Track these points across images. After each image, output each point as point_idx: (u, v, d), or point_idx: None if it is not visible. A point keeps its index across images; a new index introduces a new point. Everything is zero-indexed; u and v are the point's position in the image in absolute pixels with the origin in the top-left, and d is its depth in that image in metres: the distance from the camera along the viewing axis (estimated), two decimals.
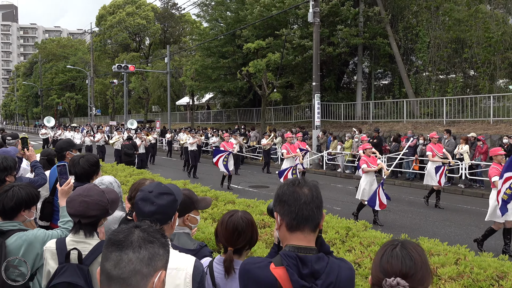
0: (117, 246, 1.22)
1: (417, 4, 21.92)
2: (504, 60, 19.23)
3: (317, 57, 18.97)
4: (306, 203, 1.61)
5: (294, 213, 1.61)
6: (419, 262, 1.31)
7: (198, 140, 17.64)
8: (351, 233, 4.63)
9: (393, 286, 1.24)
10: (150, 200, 1.87)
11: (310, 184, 1.68)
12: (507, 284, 3.25)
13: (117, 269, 1.20)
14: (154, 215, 1.82)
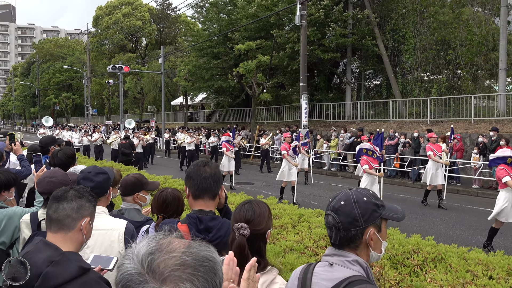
0: (57, 199, 1.82)
1: (404, 7, 22.51)
2: (487, 61, 19.83)
3: (304, 59, 19.54)
4: (205, 178, 2.19)
5: (196, 185, 2.19)
6: (258, 212, 1.88)
7: (196, 140, 17.72)
8: (303, 218, 5.22)
9: (238, 228, 1.81)
10: (89, 178, 2.47)
11: (212, 165, 2.27)
12: (419, 257, 3.83)
13: (56, 214, 1.79)
14: (93, 189, 2.40)
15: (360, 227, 1.55)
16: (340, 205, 1.56)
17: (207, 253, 0.93)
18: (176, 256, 0.88)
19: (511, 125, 16.72)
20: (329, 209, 1.60)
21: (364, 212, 1.55)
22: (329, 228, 1.58)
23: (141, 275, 0.85)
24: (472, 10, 20.26)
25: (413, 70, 22.49)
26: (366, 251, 1.57)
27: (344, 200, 1.57)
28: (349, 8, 24.71)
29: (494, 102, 18.88)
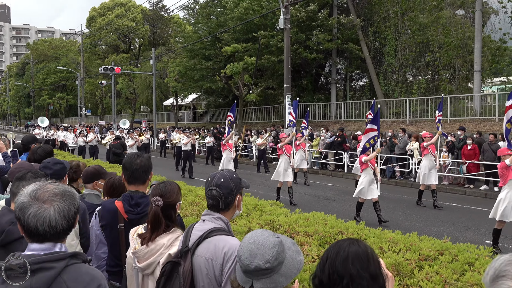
0: (18, 179, 2.51)
1: (385, 10, 23.25)
2: (463, 63, 20.59)
3: (288, 61, 20.25)
4: (136, 169, 2.87)
5: (129, 174, 2.87)
6: (169, 189, 2.54)
7: (191, 140, 17.56)
8: (257, 208, 5.91)
9: (154, 200, 2.49)
10: (48, 167, 3.16)
11: (143, 157, 2.94)
12: (343, 237, 4.53)
13: (16, 190, 2.47)
14: (51, 175, 3.08)
15: (234, 195, 2.24)
16: (221, 182, 2.25)
17: (69, 188, 1.70)
18: (50, 190, 1.63)
19: (483, 124, 17.49)
20: (212, 185, 2.27)
21: (235, 185, 2.25)
22: (212, 198, 2.26)
23: (30, 201, 1.59)
24: (450, 14, 21.00)
25: (394, 72, 23.23)
26: (233, 211, 2.27)
27: (223, 178, 2.26)
28: (334, 12, 25.48)
29: (470, 103, 19.62)
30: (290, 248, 1.80)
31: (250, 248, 1.72)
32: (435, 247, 4.07)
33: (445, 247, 4.08)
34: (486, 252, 3.89)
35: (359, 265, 1.47)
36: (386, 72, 23.60)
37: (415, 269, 3.65)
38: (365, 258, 1.49)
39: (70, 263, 1.62)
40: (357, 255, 1.49)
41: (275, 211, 5.77)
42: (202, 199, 6.78)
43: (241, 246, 1.77)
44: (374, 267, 1.49)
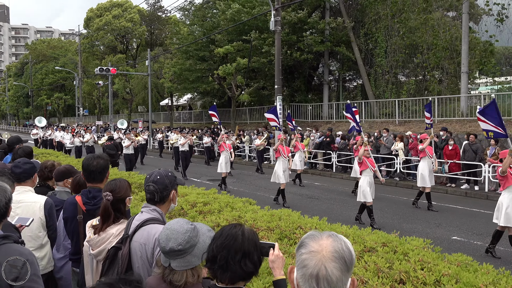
0: None
1: (376, 12, 23.60)
2: (451, 64, 20.95)
3: (279, 62, 20.60)
4: (93, 171, 3.24)
5: (87, 174, 3.24)
6: (119, 185, 2.89)
7: (189, 140, 17.51)
8: (229, 205, 6.27)
9: (105, 195, 2.84)
10: (19, 166, 3.51)
11: (101, 158, 3.31)
12: (301, 232, 4.89)
13: None
14: (21, 173, 3.43)
15: (169, 191, 2.61)
16: (157, 179, 2.61)
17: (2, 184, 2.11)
18: None
19: (469, 124, 17.85)
20: (149, 182, 2.64)
21: (170, 182, 2.61)
22: (150, 193, 2.62)
23: None
24: (438, 16, 21.35)
25: (385, 73, 23.59)
26: (168, 204, 2.64)
27: (159, 175, 2.62)
28: (326, 15, 25.85)
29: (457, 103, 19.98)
30: (205, 234, 2.16)
31: (166, 234, 2.09)
32: (381, 240, 4.43)
33: (389, 240, 4.45)
34: (423, 244, 4.26)
35: (234, 244, 1.82)
36: (376, 73, 23.97)
37: (356, 259, 4.02)
38: (240, 238, 1.85)
39: (1, 243, 1.98)
40: (234, 236, 1.85)
41: (245, 208, 6.13)
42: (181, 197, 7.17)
43: (161, 232, 2.13)
44: (248, 246, 1.84)
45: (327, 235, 1.43)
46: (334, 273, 1.32)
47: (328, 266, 1.32)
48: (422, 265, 3.77)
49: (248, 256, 1.81)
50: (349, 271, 1.36)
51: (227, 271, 1.79)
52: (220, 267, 1.80)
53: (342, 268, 1.33)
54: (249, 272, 1.81)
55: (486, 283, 3.40)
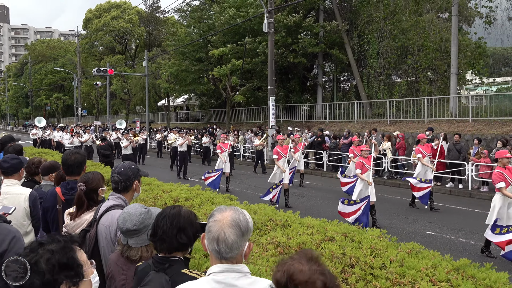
0: None
1: (368, 15, 23.98)
2: (441, 66, 21.33)
3: (272, 64, 20.97)
4: (71, 165, 3.61)
5: (66, 169, 3.62)
6: (92, 177, 3.26)
7: (187, 140, 17.42)
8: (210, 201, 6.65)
9: (79, 185, 3.22)
10: (6, 161, 3.89)
11: (79, 153, 3.68)
12: (272, 223, 5.26)
13: None
14: (9, 168, 3.81)
15: (132, 181, 2.99)
16: (121, 171, 2.99)
17: None
18: None
19: (457, 124, 18.24)
20: (115, 173, 3.02)
21: (133, 173, 2.99)
22: (115, 183, 3.00)
23: None
24: (429, 18, 21.72)
25: (377, 74, 23.97)
26: (132, 193, 3.02)
27: (123, 168, 3.00)
28: (320, 17, 26.25)
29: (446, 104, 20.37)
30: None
31: (124, 216, 2.47)
32: (342, 231, 4.81)
33: (350, 230, 4.83)
34: (379, 233, 4.64)
35: (169, 221, 2.19)
36: (369, 74, 24.36)
37: (315, 246, 4.40)
38: (177, 217, 2.22)
39: None
40: (171, 215, 2.22)
41: (224, 202, 6.52)
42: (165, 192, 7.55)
43: (119, 215, 2.51)
44: (184, 223, 2.21)
45: (230, 209, 1.81)
46: (231, 237, 1.70)
47: (226, 231, 1.71)
48: (373, 251, 4.14)
49: (183, 231, 2.18)
50: (244, 236, 1.74)
51: (165, 243, 2.16)
52: (159, 240, 2.17)
53: (238, 233, 1.71)
54: (183, 243, 2.17)
55: (426, 267, 3.77)
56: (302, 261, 1.53)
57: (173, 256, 2.16)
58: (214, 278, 1.71)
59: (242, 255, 1.76)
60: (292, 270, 1.50)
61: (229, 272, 1.72)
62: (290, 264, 1.53)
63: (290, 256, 1.60)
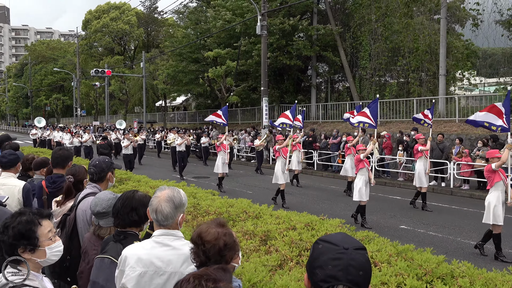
0: None
1: (361, 17, 24.48)
2: (430, 67, 21.84)
3: (265, 65, 21.49)
4: (56, 157, 4.12)
5: (52, 161, 4.12)
6: (78, 170, 3.76)
7: (186, 140, 17.66)
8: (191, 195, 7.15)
9: (68, 178, 3.71)
10: (5, 157, 4.40)
11: (64, 150, 4.18)
12: (246, 215, 5.75)
13: None
14: (7, 162, 4.31)
15: (105, 172, 3.49)
16: (96, 163, 3.49)
17: None
18: None
19: (444, 124, 18.74)
20: (91, 166, 3.52)
21: (106, 166, 3.50)
22: (91, 174, 3.50)
23: None
24: (419, 21, 22.22)
25: (369, 75, 24.47)
26: (106, 183, 3.53)
27: (98, 161, 3.51)
28: (314, 20, 26.76)
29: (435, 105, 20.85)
30: None
31: (95, 201, 2.97)
32: (305, 221, 5.31)
33: (313, 220, 5.33)
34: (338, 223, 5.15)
35: (123, 202, 2.68)
36: (361, 75, 24.86)
37: (279, 234, 4.91)
38: (130, 199, 2.70)
39: None
40: (125, 197, 2.71)
41: (205, 197, 7.02)
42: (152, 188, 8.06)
43: (91, 200, 3.01)
44: (136, 204, 2.69)
45: (168, 188, 2.32)
46: (166, 209, 2.21)
47: (162, 205, 2.22)
48: None
49: (135, 211, 2.67)
50: (177, 208, 2.25)
51: (119, 220, 2.66)
52: (116, 217, 2.68)
53: (172, 206, 2.22)
54: (134, 220, 2.67)
55: (372, 250, 4.27)
56: (212, 226, 2.04)
57: (128, 231, 2.66)
58: (155, 239, 2.24)
59: (177, 223, 2.27)
60: (201, 231, 2.01)
61: (166, 235, 2.23)
62: (201, 227, 2.04)
63: (205, 222, 2.11)
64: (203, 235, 2.01)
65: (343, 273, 1.30)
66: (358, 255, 1.35)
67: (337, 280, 1.30)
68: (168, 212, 2.23)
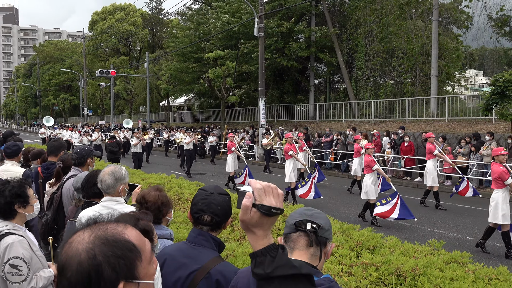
0: None
1: (357, 18, 25.11)
2: (423, 68, 22.43)
3: (262, 66, 22.21)
4: (51, 146, 4.86)
5: (48, 149, 4.87)
6: (66, 157, 4.52)
7: (194, 139, 17.84)
8: (177, 185, 7.89)
9: (58, 164, 4.45)
10: (9, 148, 5.15)
11: (58, 141, 4.94)
12: None
13: None
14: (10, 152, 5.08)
15: (85, 158, 4.24)
16: (78, 151, 4.24)
17: None
18: None
19: (434, 124, 19.35)
20: (73, 153, 4.26)
21: (86, 153, 4.25)
22: (73, 160, 4.24)
23: None
24: (412, 23, 22.82)
25: (364, 75, 25.09)
26: (87, 167, 4.27)
27: (79, 149, 4.26)
28: (312, 21, 27.45)
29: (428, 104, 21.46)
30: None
31: (76, 179, 3.71)
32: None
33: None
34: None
35: (87, 179, 3.41)
36: (357, 76, 25.49)
37: None
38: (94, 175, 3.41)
39: None
40: (90, 175, 3.43)
41: (189, 187, 7.76)
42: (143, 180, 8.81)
43: (73, 178, 3.75)
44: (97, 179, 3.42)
45: (113, 165, 3.05)
46: (108, 180, 2.95)
47: (105, 177, 2.97)
48: None
49: (96, 185, 3.39)
50: (117, 180, 2.99)
51: (84, 192, 3.40)
52: (82, 190, 3.41)
53: (112, 178, 2.98)
54: (95, 192, 3.37)
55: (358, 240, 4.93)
56: (152, 190, 2.77)
57: (92, 201, 3.39)
58: (102, 204, 3.00)
59: (118, 192, 3.01)
60: (144, 194, 2.74)
61: (110, 201, 2.97)
62: (144, 191, 2.77)
63: (146, 188, 2.84)
64: (146, 197, 2.74)
65: (207, 207, 2.04)
66: (219, 197, 2.09)
67: (203, 212, 2.04)
68: (109, 182, 2.98)
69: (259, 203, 1.23)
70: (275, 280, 1.16)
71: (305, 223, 1.72)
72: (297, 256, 1.68)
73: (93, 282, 1.01)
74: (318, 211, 1.81)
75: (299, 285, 1.17)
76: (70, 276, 1.02)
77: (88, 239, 1.05)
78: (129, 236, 1.10)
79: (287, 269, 1.17)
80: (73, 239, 1.06)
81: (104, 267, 1.02)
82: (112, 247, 1.04)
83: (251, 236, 1.26)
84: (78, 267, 1.01)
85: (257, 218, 1.24)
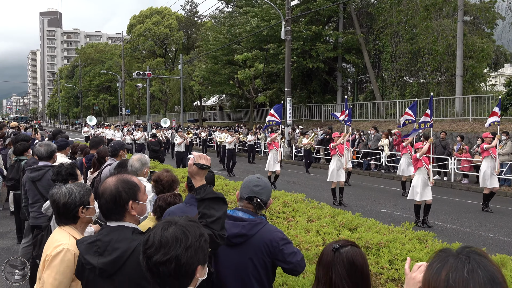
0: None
1: (383, 20, 25.52)
2: (448, 68, 22.64)
3: (289, 68, 23.05)
4: (91, 141, 5.98)
5: (90, 144, 5.99)
6: (102, 150, 5.61)
7: (235, 139, 17.94)
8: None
9: (94, 155, 5.54)
10: (59, 142, 6.30)
11: (97, 138, 6.05)
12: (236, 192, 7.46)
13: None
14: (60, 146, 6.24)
15: (118, 150, 5.30)
16: (112, 145, 5.30)
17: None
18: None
19: (457, 123, 19.63)
20: (109, 147, 5.33)
21: (118, 146, 5.31)
22: (109, 152, 5.31)
23: None
24: (437, 23, 23.06)
25: (391, 76, 25.48)
26: (120, 158, 5.34)
27: (114, 143, 5.33)
28: (340, 24, 28.07)
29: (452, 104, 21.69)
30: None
31: (113, 165, 4.75)
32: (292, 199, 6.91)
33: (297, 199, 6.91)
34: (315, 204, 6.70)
35: (118, 165, 4.44)
36: (384, 76, 25.90)
37: None
38: (124, 163, 4.46)
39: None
40: (119, 164, 4.47)
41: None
42: None
43: (110, 165, 4.81)
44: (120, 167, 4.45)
45: (140, 154, 4.07)
46: (136, 165, 3.98)
47: (134, 162, 4.01)
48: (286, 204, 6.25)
49: (126, 168, 4.42)
50: (143, 165, 4.02)
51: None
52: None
53: (139, 163, 4.01)
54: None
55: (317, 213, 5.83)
56: (163, 172, 3.76)
57: None
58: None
59: (143, 173, 4.02)
60: (159, 175, 3.74)
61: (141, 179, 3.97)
62: (158, 173, 3.77)
63: (160, 171, 3.84)
64: (160, 177, 3.74)
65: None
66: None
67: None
68: (137, 166, 4.00)
69: (197, 163, 2.22)
70: (206, 200, 2.18)
71: (253, 198, 2.64)
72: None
73: (117, 200, 2.07)
74: (263, 187, 2.68)
75: (218, 201, 2.20)
76: (106, 197, 2.08)
77: (114, 180, 2.10)
78: (134, 180, 2.17)
79: (211, 194, 2.20)
80: (106, 180, 2.11)
81: (122, 193, 2.09)
82: (126, 183, 2.12)
83: (194, 180, 2.27)
84: (109, 193, 2.08)
85: (196, 170, 2.24)
